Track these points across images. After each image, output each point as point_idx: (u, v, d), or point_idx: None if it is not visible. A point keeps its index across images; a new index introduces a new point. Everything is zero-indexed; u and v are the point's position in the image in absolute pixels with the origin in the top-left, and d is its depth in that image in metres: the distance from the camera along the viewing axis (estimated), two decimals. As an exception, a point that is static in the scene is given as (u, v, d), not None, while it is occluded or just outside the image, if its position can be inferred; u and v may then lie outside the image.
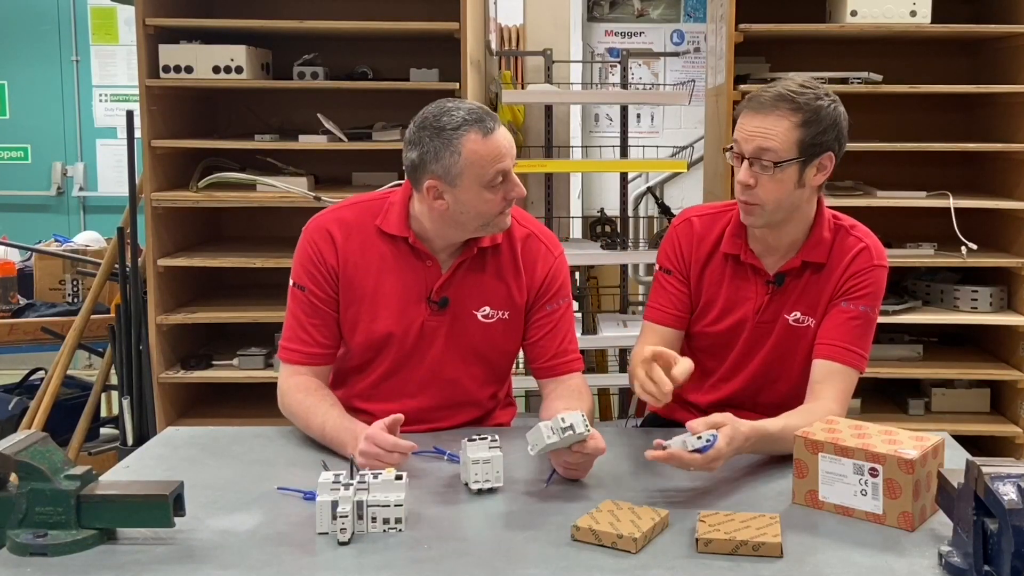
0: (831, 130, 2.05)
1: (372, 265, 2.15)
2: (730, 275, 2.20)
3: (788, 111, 2.02)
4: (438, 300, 2.15)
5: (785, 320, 2.17)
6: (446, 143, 2.00)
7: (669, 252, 2.26)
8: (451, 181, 2.02)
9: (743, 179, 2.05)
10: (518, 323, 2.22)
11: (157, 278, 3.44)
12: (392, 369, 2.19)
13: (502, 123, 2.08)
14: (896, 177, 3.67)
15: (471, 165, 2.00)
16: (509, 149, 2.04)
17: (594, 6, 6.55)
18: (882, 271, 2.16)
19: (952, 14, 3.48)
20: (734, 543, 1.57)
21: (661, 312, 2.24)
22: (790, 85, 2.05)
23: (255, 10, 3.67)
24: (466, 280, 2.17)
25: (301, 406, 2.11)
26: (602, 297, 4.59)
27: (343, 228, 2.16)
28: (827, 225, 2.16)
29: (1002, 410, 3.60)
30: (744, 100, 2.11)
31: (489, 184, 2.02)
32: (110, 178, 7.07)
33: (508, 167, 2.04)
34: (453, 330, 2.17)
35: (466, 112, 2.02)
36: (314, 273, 2.15)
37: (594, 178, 6.23)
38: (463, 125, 2.00)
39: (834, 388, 2.08)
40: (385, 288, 2.15)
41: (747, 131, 2.04)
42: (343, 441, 1.98)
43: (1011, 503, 1.39)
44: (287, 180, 3.46)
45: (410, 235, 2.13)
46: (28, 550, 1.56)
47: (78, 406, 3.93)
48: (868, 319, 2.14)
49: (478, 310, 2.17)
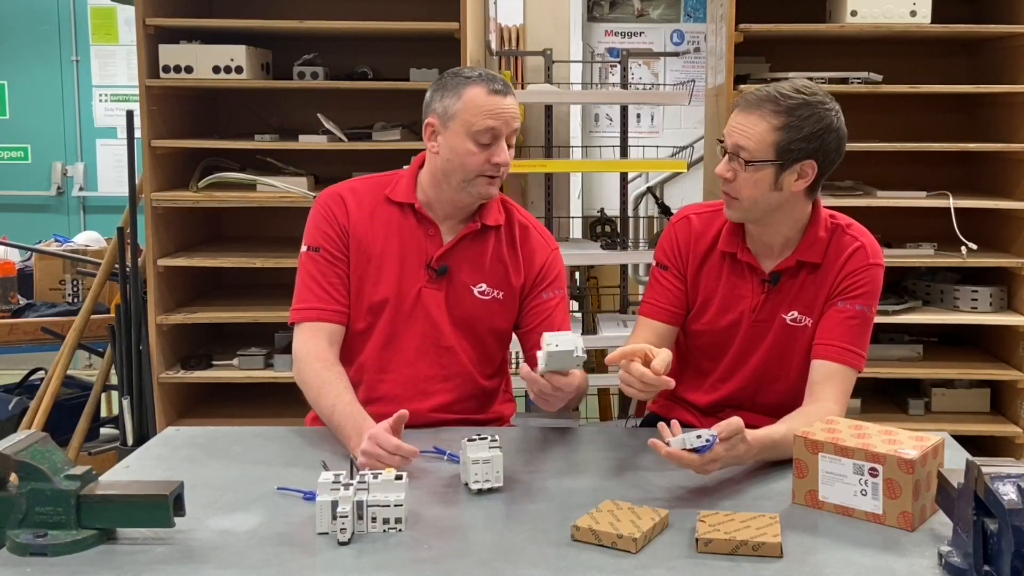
0: (814, 139, 2.03)
1: (379, 230, 2.23)
2: (727, 273, 2.21)
3: (770, 112, 2.02)
4: (437, 268, 2.22)
5: (782, 320, 2.17)
6: (454, 86, 2.15)
7: (667, 248, 2.27)
8: (445, 122, 2.14)
9: (719, 171, 2.09)
10: (512, 305, 2.28)
11: (157, 278, 3.44)
12: (391, 333, 2.23)
13: (517, 102, 2.17)
14: (896, 177, 3.67)
15: (465, 109, 2.12)
16: (507, 114, 2.13)
17: (594, 6, 6.55)
18: (878, 270, 2.16)
19: (952, 14, 3.48)
20: (734, 543, 1.57)
21: (656, 307, 2.26)
22: (783, 87, 2.05)
23: (255, 10, 3.67)
24: (466, 253, 2.24)
25: (317, 378, 2.12)
26: (602, 297, 4.59)
27: (354, 195, 2.26)
28: (823, 225, 2.15)
29: (1002, 410, 3.60)
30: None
31: (475, 136, 2.11)
32: (110, 178, 7.07)
33: (500, 129, 2.12)
34: (449, 300, 2.23)
35: (484, 72, 2.17)
36: (328, 233, 2.22)
37: (594, 178, 6.23)
38: (474, 77, 2.15)
39: (833, 389, 2.08)
40: (390, 252, 2.22)
41: (731, 126, 2.07)
42: (347, 433, 1.99)
43: (1011, 503, 1.39)
44: (287, 180, 3.46)
45: (416, 202, 2.22)
46: (28, 550, 1.56)
47: (78, 406, 3.93)
48: (865, 318, 2.13)
49: (475, 285, 2.25)
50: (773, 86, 2.06)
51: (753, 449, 1.84)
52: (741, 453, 1.82)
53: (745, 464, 1.87)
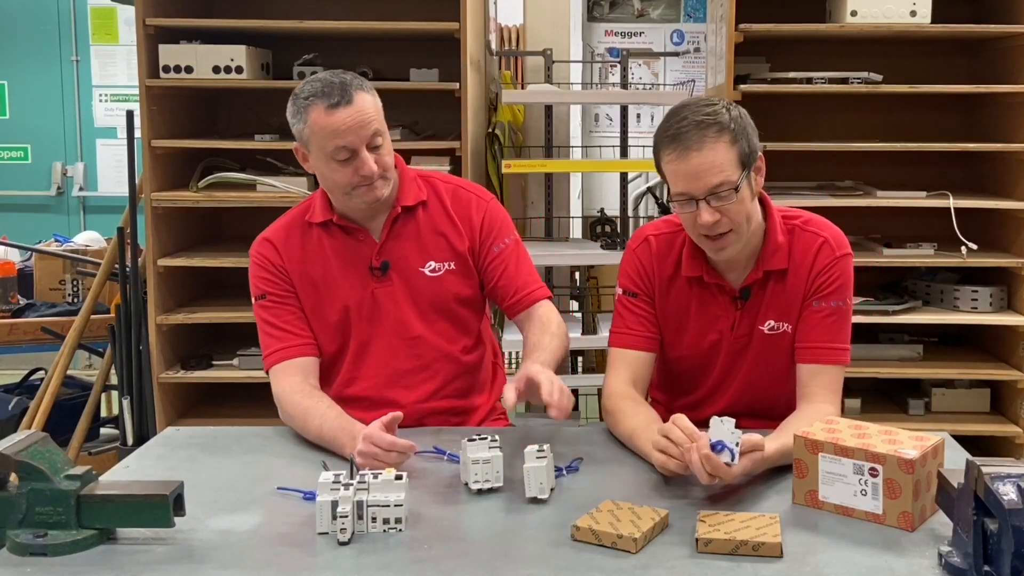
0: (751, 131, 2.02)
1: (315, 256, 2.25)
2: (696, 297, 2.16)
3: (715, 135, 1.95)
4: (379, 266, 2.23)
5: (760, 331, 2.14)
6: (299, 111, 2.12)
7: (632, 274, 2.20)
8: (306, 146, 2.15)
9: (707, 220, 1.97)
10: (468, 270, 2.29)
11: (157, 278, 3.44)
12: (362, 343, 2.25)
13: (368, 94, 2.11)
14: (896, 177, 3.67)
15: (314, 135, 2.11)
16: (355, 127, 2.08)
17: (594, 6, 6.55)
18: (847, 260, 2.13)
19: (952, 14, 3.48)
20: (734, 543, 1.57)
21: (632, 336, 2.18)
22: (696, 111, 1.97)
23: (255, 10, 3.67)
24: (401, 242, 2.25)
25: (298, 408, 2.12)
26: (602, 297, 4.59)
27: (279, 234, 2.29)
28: (779, 228, 2.12)
29: (1002, 410, 3.60)
30: (661, 139, 2.01)
31: (332, 156, 2.10)
32: (110, 178, 7.07)
33: (352, 144, 2.09)
34: (404, 290, 2.25)
35: (322, 84, 2.10)
36: (267, 278, 2.26)
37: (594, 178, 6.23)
38: (311, 96, 2.10)
39: (824, 388, 2.07)
40: (332, 272, 2.24)
41: (689, 172, 1.96)
42: (341, 442, 1.99)
43: (1011, 503, 1.39)
44: (287, 180, 3.46)
45: (333, 216, 2.24)
46: (28, 550, 1.56)
47: (78, 406, 3.93)
48: (842, 312, 2.11)
49: (423, 266, 2.26)
50: (686, 117, 1.97)
51: (768, 464, 1.84)
52: (759, 469, 1.82)
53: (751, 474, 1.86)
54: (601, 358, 4.52)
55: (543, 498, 1.78)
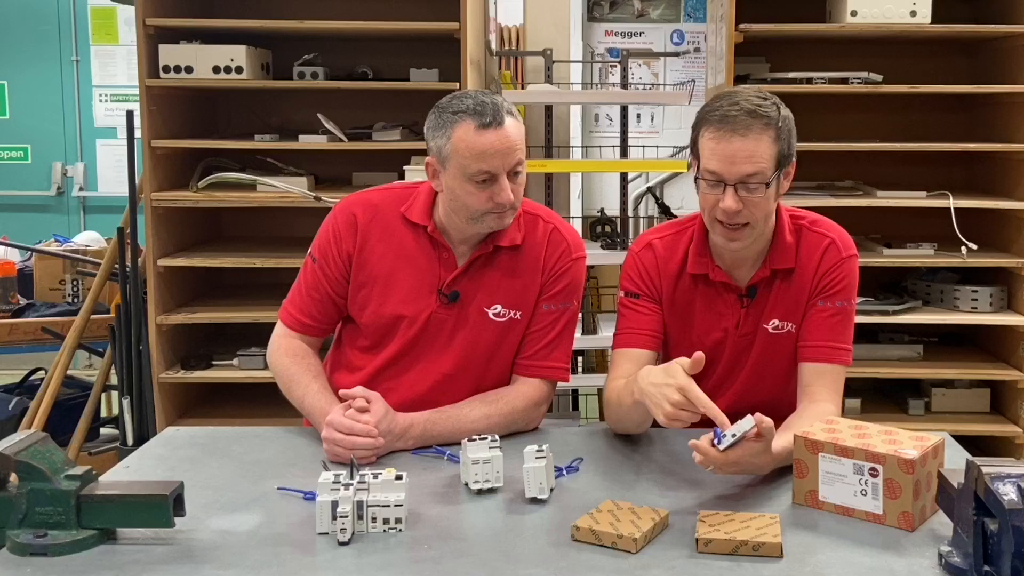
0: (792, 136, 2.03)
1: (390, 250, 2.17)
2: (701, 295, 2.16)
3: (763, 128, 1.96)
4: (448, 293, 2.15)
5: (765, 330, 2.14)
6: (443, 124, 2.04)
7: (634, 276, 2.18)
8: (442, 163, 2.06)
9: (732, 206, 1.96)
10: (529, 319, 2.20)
11: (157, 278, 3.44)
12: (395, 357, 2.18)
13: (516, 120, 2.04)
14: (896, 177, 3.68)
15: (456, 153, 2.02)
16: (502, 150, 2.00)
17: (594, 6, 6.55)
18: (852, 261, 2.13)
19: (952, 14, 3.48)
20: (734, 543, 1.57)
21: (637, 335, 2.15)
22: (752, 99, 1.98)
23: (255, 10, 3.67)
24: (480, 277, 2.16)
25: (286, 371, 2.17)
26: (602, 297, 4.59)
27: (368, 210, 2.19)
28: (788, 228, 2.12)
29: (1002, 410, 3.60)
30: (708, 117, 1.99)
31: (472, 178, 2.02)
32: (110, 178, 7.07)
33: (496, 168, 2.01)
34: (460, 326, 2.16)
35: (474, 102, 2.02)
36: (327, 251, 2.19)
37: (594, 178, 6.22)
38: (461, 112, 2.02)
39: (826, 388, 2.07)
40: (399, 274, 2.16)
41: (730, 155, 1.95)
42: (317, 421, 2.06)
43: (1011, 503, 1.39)
44: (287, 180, 3.46)
45: (430, 224, 2.15)
46: (28, 550, 1.56)
47: (78, 406, 3.93)
48: (846, 312, 2.12)
49: (489, 308, 2.17)
50: (740, 102, 1.97)
51: (773, 463, 1.83)
52: (762, 463, 1.80)
53: (762, 474, 1.86)
54: (601, 358, 4.52)
55: (543, 498, 1.78)
